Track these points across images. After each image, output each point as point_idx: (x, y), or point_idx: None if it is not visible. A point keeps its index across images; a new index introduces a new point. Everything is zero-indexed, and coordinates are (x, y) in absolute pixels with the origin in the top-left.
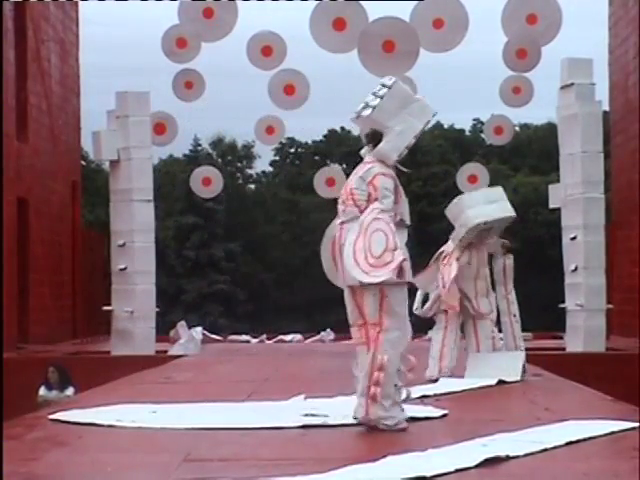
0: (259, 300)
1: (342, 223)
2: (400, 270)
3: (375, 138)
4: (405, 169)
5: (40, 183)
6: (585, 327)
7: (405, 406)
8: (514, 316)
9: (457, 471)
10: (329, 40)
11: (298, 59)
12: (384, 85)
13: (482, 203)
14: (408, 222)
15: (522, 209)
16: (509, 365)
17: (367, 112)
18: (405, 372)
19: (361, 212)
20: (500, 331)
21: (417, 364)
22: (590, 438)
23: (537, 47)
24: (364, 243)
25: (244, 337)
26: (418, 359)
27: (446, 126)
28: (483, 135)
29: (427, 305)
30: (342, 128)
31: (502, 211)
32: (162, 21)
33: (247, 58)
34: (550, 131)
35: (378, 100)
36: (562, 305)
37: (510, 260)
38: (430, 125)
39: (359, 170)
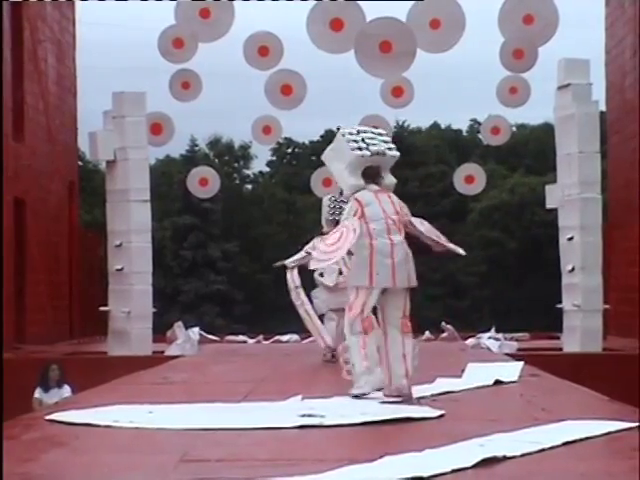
0: (256, 300)
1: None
2: None
3: (378, 174)
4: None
5: (37, 183)
6: (582, 327)
7: (402, 407)
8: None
9: (454, 471)
10: (326, 40)
11: (295, 59)
12: (381, 134)
13: None
14: None
15: (519, 209)
16: (508, 371)
17: (395, 153)
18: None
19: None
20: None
21: None
22: (587, 438)
23: (534, 47)
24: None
25: (241, 337)
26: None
27: (443, 126)
28: (480, 135)
29: None
30: (339, 128)
31: None
32: (159, 21)
33: (244, 58)
34: (547, 131)
35: (391, 144)
36: (559, 305)
37: None
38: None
39: (393, 199)
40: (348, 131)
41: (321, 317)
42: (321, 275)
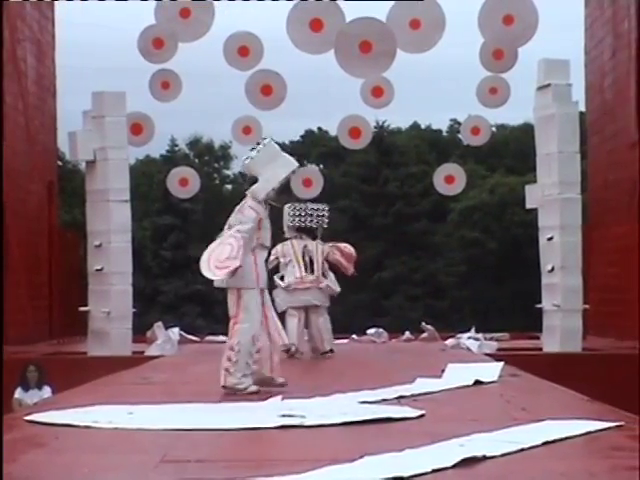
0: None
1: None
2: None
3: (253, 181)
4: (276, 204)
5: (16, 183)
6: (562, 327)
7: (382, 407)
8: None
9: (434, 471)
10: (306, 41)
11: (275, 59)
12: (258, 144)
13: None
14: (268, 245)
15: (499, 209)
16: (488, 371)
17: (246, 161)
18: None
19: None
20: None
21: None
22: (567, 438)
23: (514, 48)
24: (215, 250)
25: (221, 338)
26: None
27: (423, 126)
28: (460, 135)
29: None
30: (319, 128)
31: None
32: (139, 21)
33: (224, 58)
34: (527, 132)
35: (254, 153)
36: (539, 305)
37: None
38: (293, 173)
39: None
40: None
41: (282, 314)
42: (281, 278)
